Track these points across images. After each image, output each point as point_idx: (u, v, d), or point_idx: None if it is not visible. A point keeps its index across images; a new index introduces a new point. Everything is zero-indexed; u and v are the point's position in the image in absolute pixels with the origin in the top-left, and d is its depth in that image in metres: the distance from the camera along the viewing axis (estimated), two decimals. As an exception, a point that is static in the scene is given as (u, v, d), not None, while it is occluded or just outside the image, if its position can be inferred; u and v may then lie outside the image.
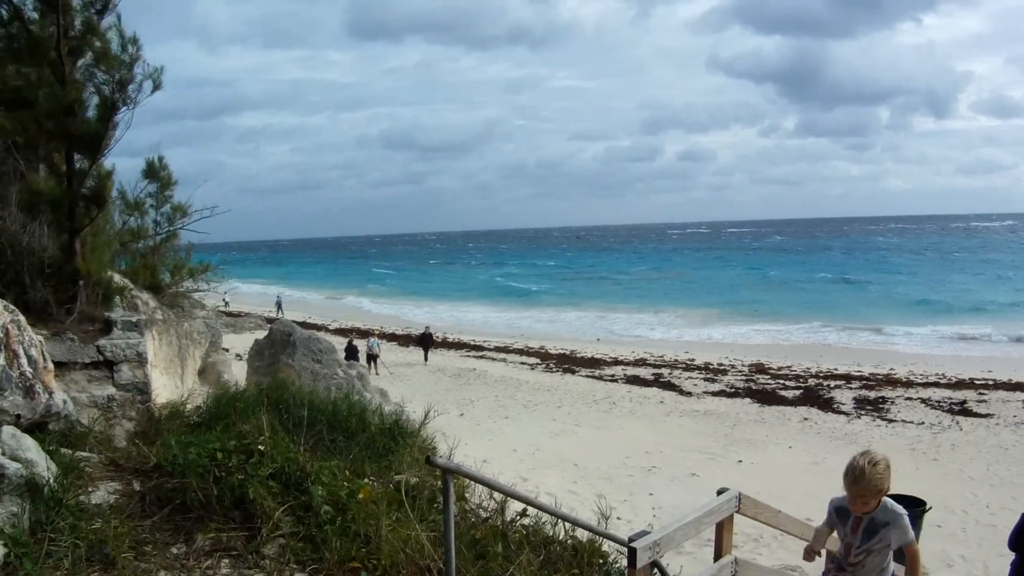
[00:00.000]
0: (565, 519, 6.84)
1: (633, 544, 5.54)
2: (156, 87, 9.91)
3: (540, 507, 6.60)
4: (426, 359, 43.82)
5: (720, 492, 7.19)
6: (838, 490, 18.82)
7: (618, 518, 16.71)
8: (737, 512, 7.29)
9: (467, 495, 8.12)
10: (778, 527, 9.00)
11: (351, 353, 36.84)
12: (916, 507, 15.13)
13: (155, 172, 13.43)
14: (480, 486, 7.26)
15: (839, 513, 6.40)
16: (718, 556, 7.64)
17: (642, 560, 5.58)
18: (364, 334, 48.97)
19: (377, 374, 38.15)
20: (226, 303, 65.53)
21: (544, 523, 7.34)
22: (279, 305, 76.20)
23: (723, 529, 7.27)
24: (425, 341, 44.40)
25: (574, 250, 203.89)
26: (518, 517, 7.42)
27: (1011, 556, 16.51)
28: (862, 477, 6.02)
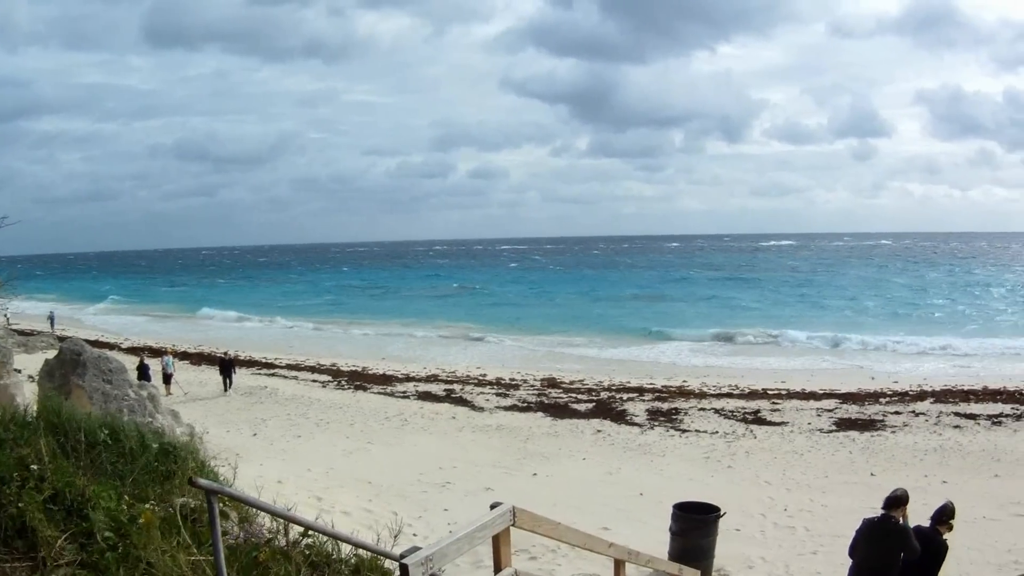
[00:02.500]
0: (335, 537, 7.09)
1: (405, 561, 5.77)
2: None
3: (308, 525, 6.82)
4: (227, 388, 40.41)
5: (493, 506, 7.46)
6: (633, 499, 19.63)
7: (414, 535, 17.11)
8: (513, 526, 7.51)
9: (250, 516, 8.25)
10: (559, 539, 9.17)
11: (143, 373, 36.01)
12: (710, 513, 15.92)
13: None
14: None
15: None
16: (497, 570, 7.77)
17: (415, 576, 5.86)
18: (157, 353, 48.00)
19: (170, 394, 37.53)
20: (7, 319, 63.45)
21: (326, 543, 7.57)
22: (51, 321, 74.18)
23: (500, 543, 7.46)
24: (226, 367, 42.39)
25: (362, 265, 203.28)
26: (301, 538, 7.61)
27: (815, 556, 17.81)
28: None
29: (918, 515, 12.02)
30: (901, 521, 11.38)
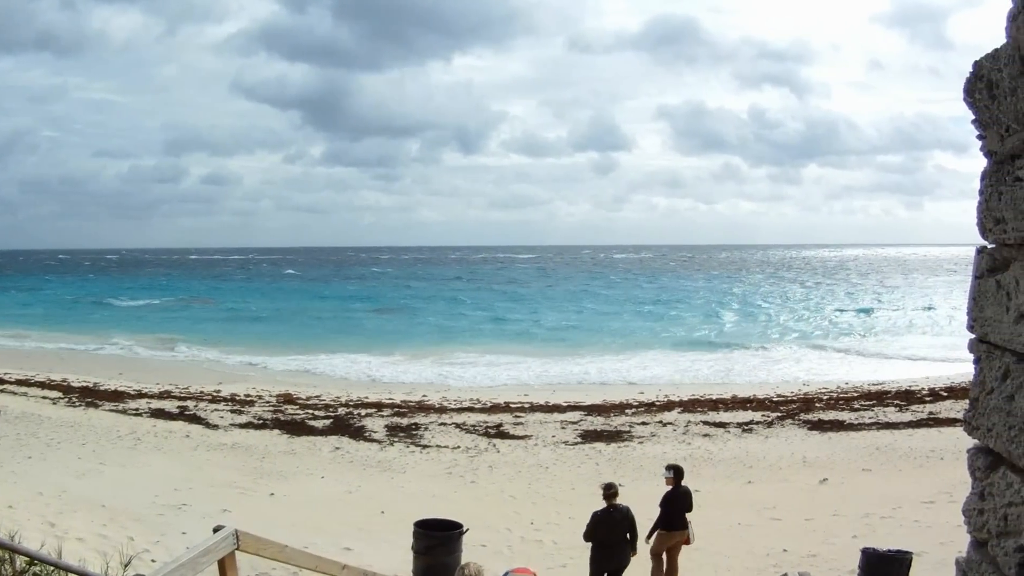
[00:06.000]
0: (60, 567, 7.29)
1: (128, 588, 6.05)
2: None
3: (32, 555, 6.99)
4: None
5: (216, 530, 7.71)
6: (374, 518, 20.06)
7: (152, 560, 16.96)
8: (237, 549, 7.76)
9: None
10: (287, 562, 9.42)
11: None
12: (453, 530, 16.38)
13: None
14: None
15: None
16: (225, 594, 8.10)
17: (138, 602, 6.11)
18: None
19: None
20: None
21: (54, 572, 7.73)
22: None
23: (226, 567, 7.73)
24: None
25: (88, 276, 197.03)
26: (28, 567, 7.73)
27: (564, 569, 18.81)
28: None
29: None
30: (620, 505, 16.28)
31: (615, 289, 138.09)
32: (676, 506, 17.41)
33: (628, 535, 16.36)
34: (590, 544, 16.41)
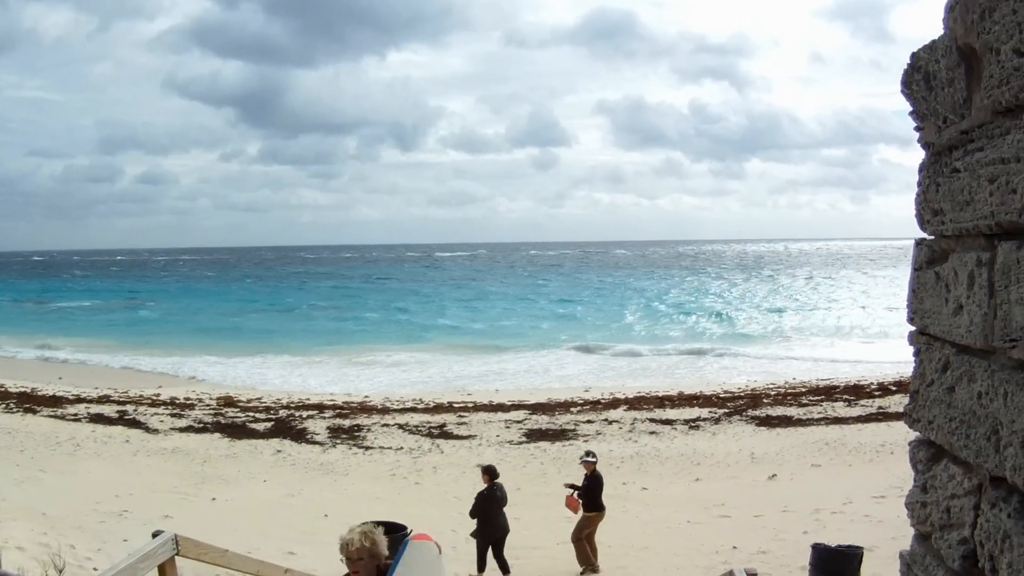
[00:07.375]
0: None
1: (64, 595, 6.01)
2: None
3: None
4: None
5: (155, 535, 7.67)
6: (318, 521, 20.01)
7: (94, 568, 16.83)
8: (178, 555, 7.72)
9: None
10: (228, 567, 9.39)
11: None
12: (396, 532, 16.31)
13: None
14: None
15: None
16: (167, 599, 8.03)
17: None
18: None
19: None
20: None
21: None
22: None
23: (166, 573, 7.71)
24: None
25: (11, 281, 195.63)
26: None
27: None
28: None
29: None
30: (499, 484, 19.36)
31: (542, 287, 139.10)
32: (599, 488, 19.76)
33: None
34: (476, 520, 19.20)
